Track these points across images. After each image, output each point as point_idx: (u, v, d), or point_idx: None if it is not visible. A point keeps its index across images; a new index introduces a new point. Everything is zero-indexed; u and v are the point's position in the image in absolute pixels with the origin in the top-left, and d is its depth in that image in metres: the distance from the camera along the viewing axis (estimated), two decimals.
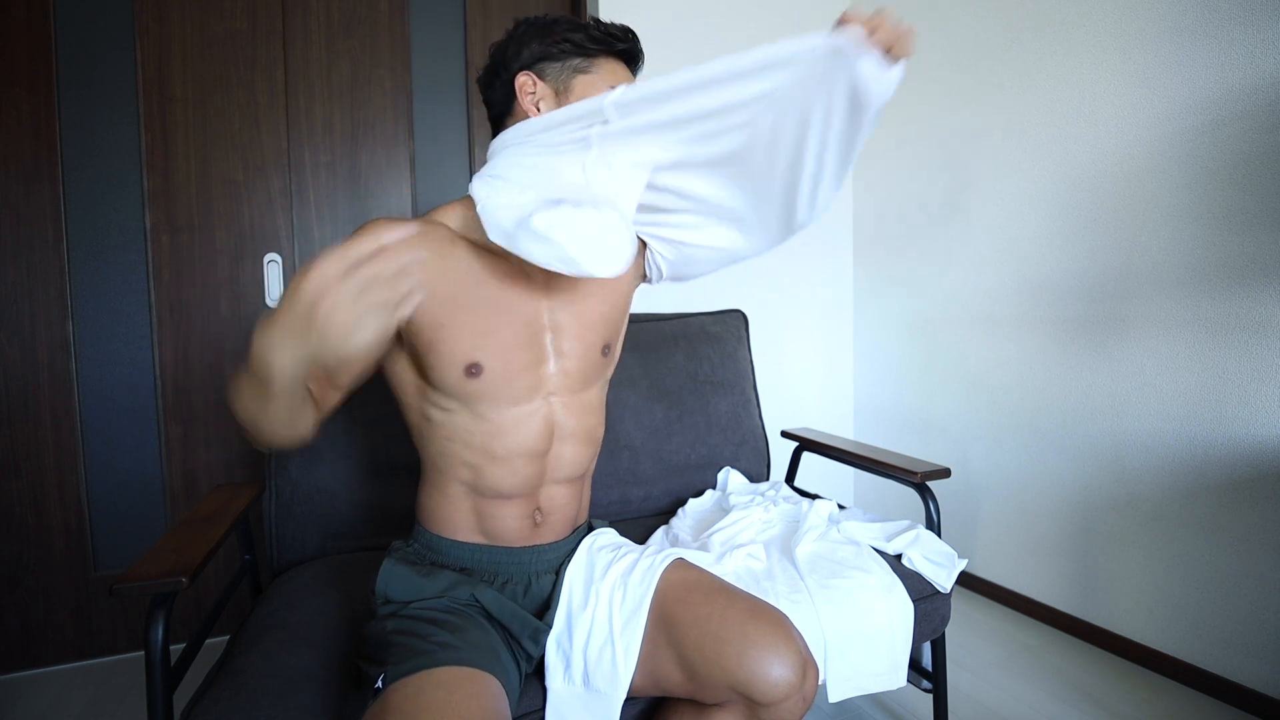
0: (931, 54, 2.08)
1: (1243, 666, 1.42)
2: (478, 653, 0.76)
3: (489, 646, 0.79)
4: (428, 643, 0.75)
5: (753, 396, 1.70)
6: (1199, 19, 1.45)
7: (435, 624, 0.79)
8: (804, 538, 1.22)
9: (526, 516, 0.90)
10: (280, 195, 1.81)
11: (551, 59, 0.86)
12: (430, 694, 0.68)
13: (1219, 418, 1.45)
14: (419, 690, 0.69)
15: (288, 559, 1.26)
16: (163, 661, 0.82)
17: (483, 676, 0.73)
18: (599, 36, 0.87)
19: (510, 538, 0.90)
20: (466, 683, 0.71)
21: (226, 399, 0.72)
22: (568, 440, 0.91)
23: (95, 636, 1.72)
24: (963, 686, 1.53)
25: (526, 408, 0.87)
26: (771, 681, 0.76)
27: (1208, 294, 1.46)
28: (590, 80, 0.87)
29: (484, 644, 0.78)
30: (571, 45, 0.86)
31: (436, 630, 0.78)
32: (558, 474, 0.91)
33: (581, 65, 0.87)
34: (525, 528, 0.91)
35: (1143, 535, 1.60)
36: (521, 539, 0.91)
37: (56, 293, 1.66)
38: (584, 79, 0.87)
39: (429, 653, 0.74)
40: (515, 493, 0.88)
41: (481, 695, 0.70)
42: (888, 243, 2.28)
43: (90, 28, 1.65)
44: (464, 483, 0.88)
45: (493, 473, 0.86)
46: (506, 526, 0.89)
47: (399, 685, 0.70)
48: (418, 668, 0.72)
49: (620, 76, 0.89)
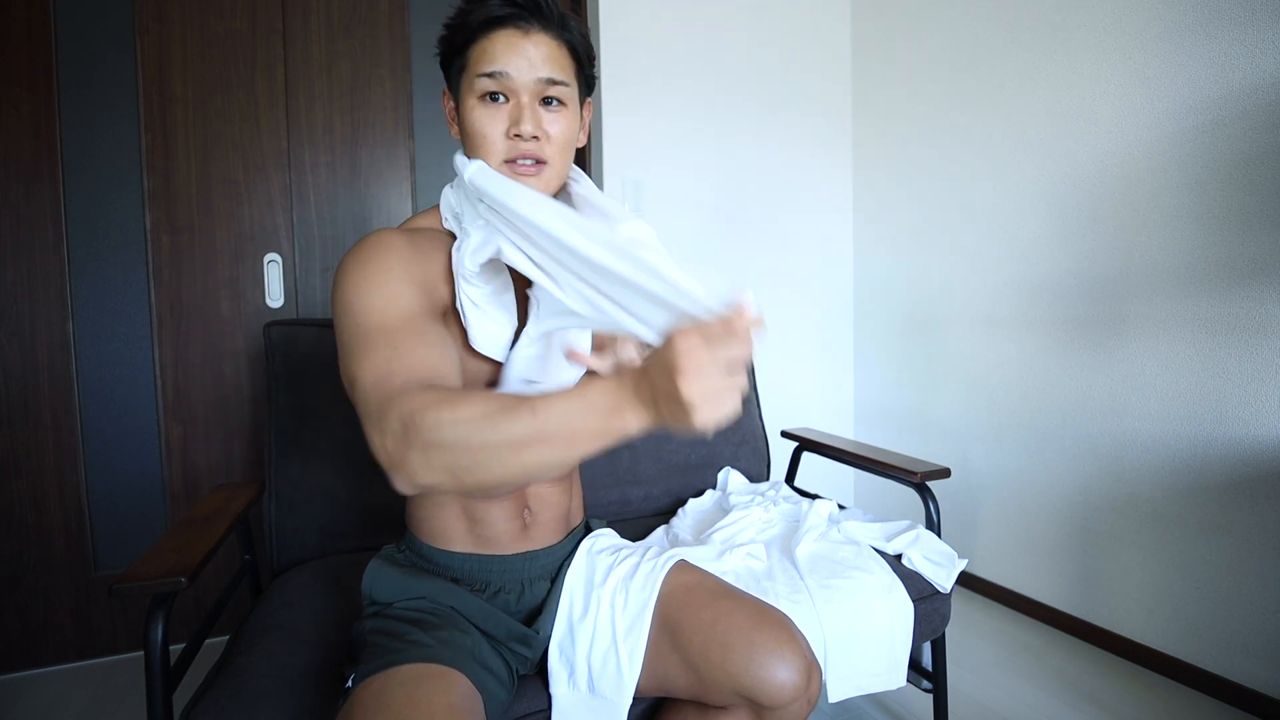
0: (931, 54, 2.08)
1: (1243, 666, 1.42)
2: (449, 651, 0.75)
3: (464, 646, 0.78)
4: (400, 641, 0.75)
5: (753, 396, 1.70)
6: (1199, 19, 1.45)
7: (412, 623, 0.79)
8: (804, 538, 1.22)
9: (515, 517, 0.89)
10: (280, 195, 1.81)
11: (446, 64, 0.80)
12: (393, 690, 0.68)
13: (1219, 418, 1.45)
14: (383, 687, 0.68)
15: (288, 559, 1.26)
16: (162, 661, 0.82)
17: (449, 673, 0.72)
18: (465, 8, 0.76)
19: (501, 542, 0.88)
20: (431, 679, 0.70)
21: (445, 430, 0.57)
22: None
23: (95, 636, 1.72)
24: (963, 686, 1.53)
25: None
26: (777, 685, 0.76)
27: (1208, 294, 1.46)
28: (467, 75, 0.77)
29: (459, 643, 0.78)
30: (446, 32, 0.78)
31: (411, 629, 0.77)
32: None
33: (458, 63, 0.78)
34: (515, 530, 0.89)
35: (1143, 535, 1.60)
36: (512, 543, 0.89)
37: (56, 293, 1.66)
38: (464, 84, 0.77)
39: (399, 651, 0.73)
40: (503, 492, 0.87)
41: (448, 692, 0.69)
42: (888, 243, 2.28)
43: (90, 28, 1.65)
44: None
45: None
46: (496, 530, 0.88)
47: (366, 684, 0.70)
48: (384, 666, 0.71)
49: (500, 45, 0.75)
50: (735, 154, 2.20)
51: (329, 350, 1.34)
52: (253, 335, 1.79)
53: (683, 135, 2.11)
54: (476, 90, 0.76)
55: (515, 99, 0.76)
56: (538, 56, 0.75)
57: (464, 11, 0.76)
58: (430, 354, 0.67)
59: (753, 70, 2.19)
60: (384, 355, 0.66)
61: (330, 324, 1.37)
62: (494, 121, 0.76)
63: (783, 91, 2.25)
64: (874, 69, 2.29)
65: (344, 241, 1.86)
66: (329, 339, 1.35)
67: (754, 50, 2.19)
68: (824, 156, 2.35)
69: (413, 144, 1.92)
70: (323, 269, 1.85)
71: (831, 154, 2.36)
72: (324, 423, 1.30)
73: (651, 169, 2.07)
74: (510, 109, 0.76)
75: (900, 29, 2.18)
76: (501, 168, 0.76)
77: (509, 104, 0.76)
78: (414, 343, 0.68)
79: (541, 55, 0.75)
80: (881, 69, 2.26)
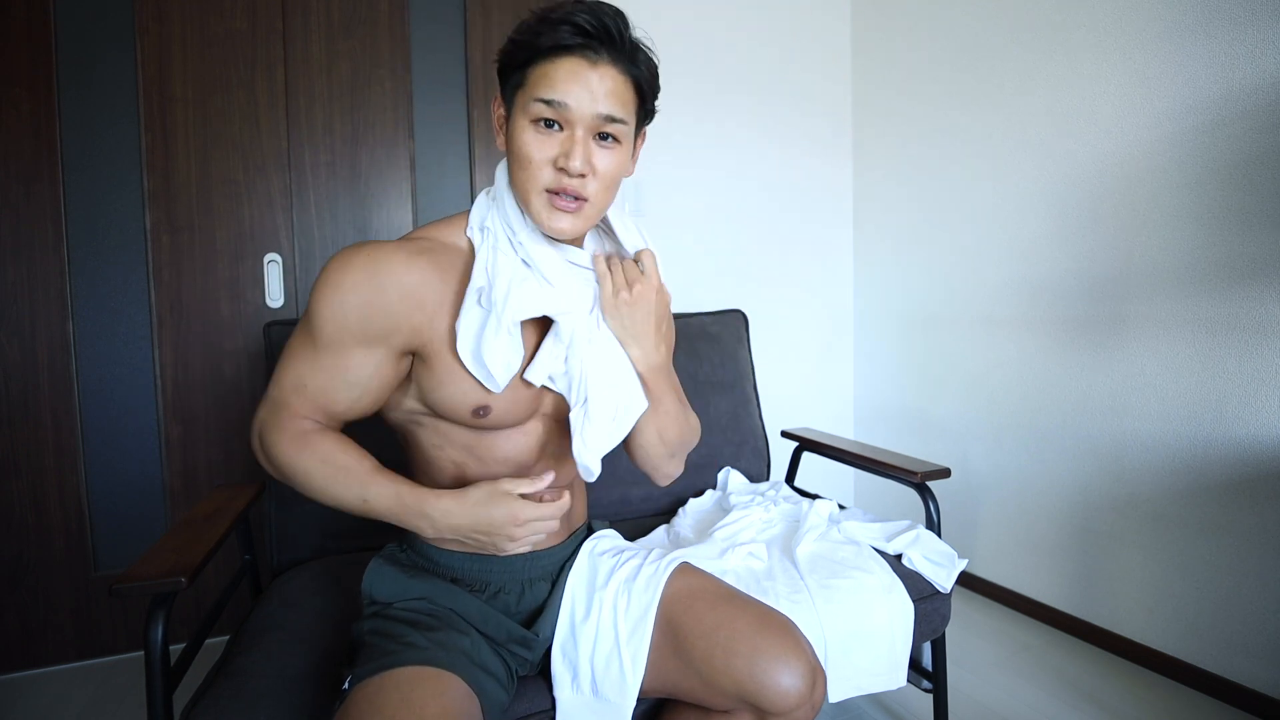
0: (931, 54, 2.08)
1: (1242, 666, 1.42)
2: (446, 653, 0.75)
3: (461, 649, 0.78)
4: (397, 643, 0.75)
5: (753, 396, 1.70)
6: (1199, 19, 1.45)
7: (410, 625, 0.79)
8: (804, 537, 1.22)
9: None
10: (280, 195, 1.81)
11: (506, 73, 0.77)
12: (389, 694, 0.68)
13: (1219, 418, 1.45)
14: (378, 690, 0.68)
15: (288, 559, 1.26)
16: (162, 661, 0.82)
17: (446, 677, 0.72)
18: (538, 24, 0.72)
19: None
20: (426, 682, 0.70)
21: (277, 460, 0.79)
22: (553, 459, 0.90)
23: (95, 636, 1.72)
24: (963, 686, 1.53)
25: (522, 428, 0.86)
26: (782, 691, 0.76)
27: (1208, 294, 1.46)
28: (522, 110, 0.74)
29: (456, 645, 0.77)
30: (512, 45, 0.74)
31: (409, 631, 0.77)
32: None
33: (517, 78, 0.75)
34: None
35: (1143, 535, 1.60)
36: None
37: (56, 293, 1.66)
38: (519, 103, 0.75)
39: (395, 653, 0.73)
40: None
41: (443, 695, 0.69)
42: (888, 243, 2.28)
43: (90, 28, 1.65)
44: (453, 484, 0.86)
45: (481, 477, 0.85)
46: None
47: (361, 686, 0.70)
48: (381, 668, 0.71)
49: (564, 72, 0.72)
50: (735, 154, 2.20)
51: None
52: (253, 335, 1.79)
53: (683, 135, 2.11)
54: (531, 113, 0.73)
55: (570, 130, 0.73)
56: (601, 90, 0.72)
57: (533, 32, 0.72)
58: (335, 389, 0.77)
59: (753, 70, 2.19)
60: (303, 369, 0.77)
61: None
62: (543, 149, 0.73)
63: (783, 91, 2.25)
64: (874, 69, 2.29)
65: (344, 242, 1.86)
66: None
67: (754, 50, 2.19)
68: (824, 156, 2.35)
69: (413, 144, 1.92)
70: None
71: (831, 154, 2.36)
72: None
73: (652, 169, 2.07)
74: (563, 139, 0.73)
75: (900, 29, 2.18)
76: (541, 195, 0.75)
77: (562, 133, 0.73)
78: (330, 373, 0.77)
79: (605, 89, 0.73)
80: (881, 69, 2.26)
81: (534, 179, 0.74)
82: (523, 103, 0.73)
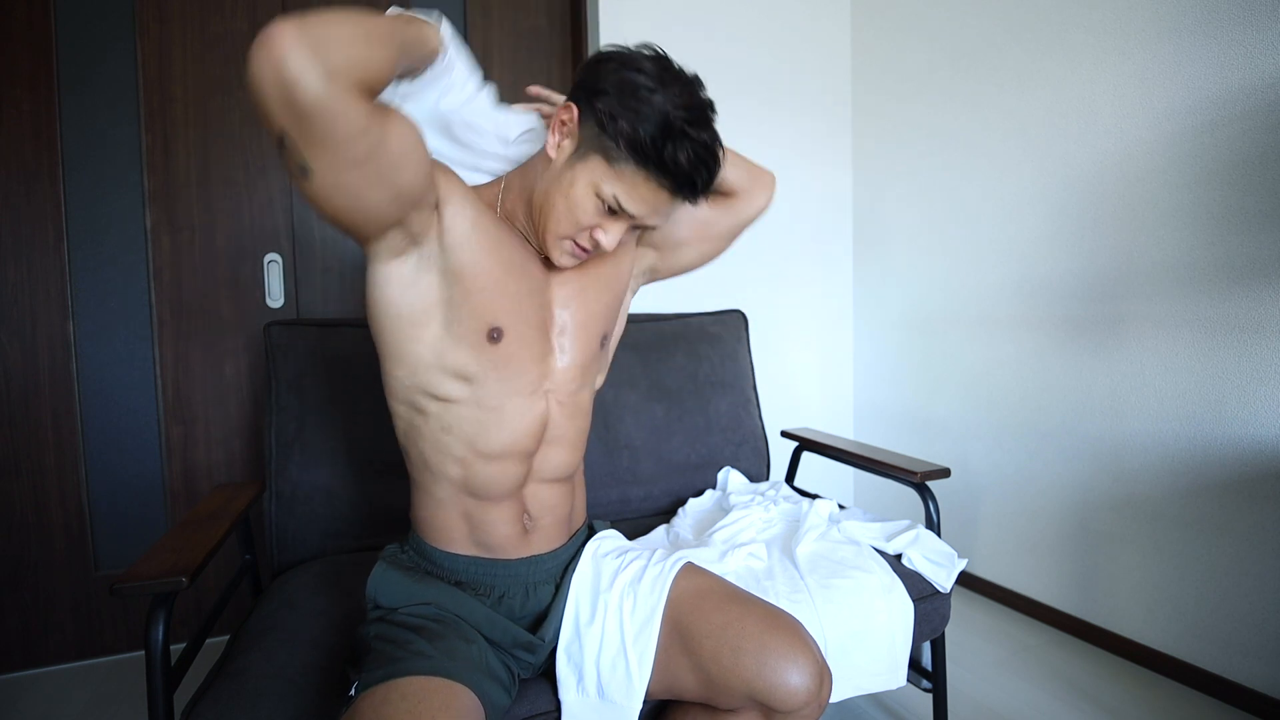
0: (931, 54, 2.08)
1: (1242, 666, 1.43)
2: (453, 662, 0.75)
3: (468, 657, 0.77)
4: (403, 650, 0.75)
5: (753, 396, 1.70)
6: (1199, 19, 1.45)
7: (416, 631, 0.78)
8: (804, 537, 1.23)
9: (515, 521, 0.88)
10: (280, 195, 1.81)
11: (601, 122, 0.77)
12: (395, 704, 0.67)
13: (1219, 418, 1.45)
14: (385, 699, 0.68)
15: (288, 559, 1.26)
16: (163, 661, 0.82)
17: (454, 687, 0.72)
18: (650, 145, 0.74)
19: (504, 547, 0.88)
20: (434, 693, 0.70)
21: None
22: (554, 444, 0.90)
23: (95, 636, 1.72)
24: (963, 686, 1.53)
25: (527, 400, 0.86)
26: (790, 690, 0.77)
27: (1207, 294, 1.46)
28: (593, 173, 0.78)
29: (463, 654, 0.77)
30: (623, 129, 0.75)
31: (415, 638, 0.77)
32: (543, 474, 0.90)
33: (610, 141, 0.77)
34: (516, 534, 0.89)
35: (1142, 535, 1.60)
36: (515, 548, 0.89)
37: (57, 293, 1.66)
38: (595, 166, 0.78)
39: (401, 660, 0.73)
40: (503, 493, 0.87)
41: (450, 706, 0.69)
42: (888, 243, 2.28)
43: (91, 28, 1.66)
44: (453, 481, 0.86)
45: (482, 470, 0.85)
46: (498, 533, 0.87)
47: (368, 694, 0.70)
48: (388, 676, 0.71)
49: (649, 193, 0.78)
50: None
51: (330, 350, 1.34)
52: (253, 335, 1.80)
53: None
54: (603, 194, 0.79)
55: (622, 221, 0.82)
56: (665, 212, 0.83)
57: (655, 147, 0.74)
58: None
59: (753, 71, 2.19)
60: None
61: (330, 324, 1.37)
62: (591, 217, 0.81)
63: (783, 92, 2.25)
64: (873, 69, 2.29)
65: (344, 241, 1.86)
66: (329, 339, 1.35)
67: (754, 51, 2.19)
68: (824, 156, 2.35)
69: None
70: (323, 269, 1.86)
71: (831, 154, 2.37)
72: (324, 423, 1.30)
73: None
74: (611, 221, 0.82)
75: (900, 29, 2.18)
76: (568, 240, 0.83)
77: (614, 216, 0.81)
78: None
79: (668, 212, 0.83)
80: (881, 69, 2.26)
81: (570, 229, 0.82)
82: (601, 171, 0.78)
